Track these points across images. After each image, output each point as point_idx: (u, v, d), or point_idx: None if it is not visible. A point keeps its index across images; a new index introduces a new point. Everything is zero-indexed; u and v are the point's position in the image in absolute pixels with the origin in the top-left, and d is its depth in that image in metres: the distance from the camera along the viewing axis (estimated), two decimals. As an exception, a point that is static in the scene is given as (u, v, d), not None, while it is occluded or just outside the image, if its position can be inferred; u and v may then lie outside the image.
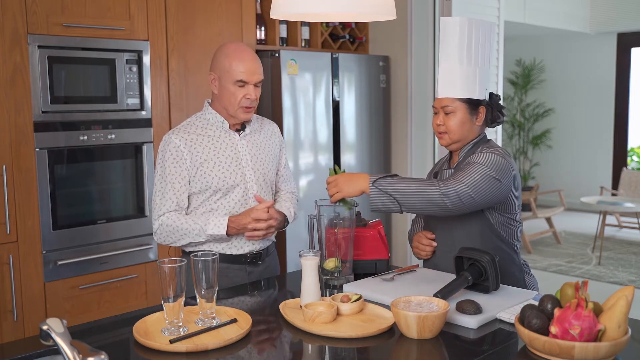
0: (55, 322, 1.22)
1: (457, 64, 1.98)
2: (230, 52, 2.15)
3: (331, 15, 2.18)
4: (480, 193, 1.86)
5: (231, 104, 2.15)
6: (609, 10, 8.01)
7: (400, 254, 4.30)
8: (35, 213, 2.81)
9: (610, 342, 1.35)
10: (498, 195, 1.91)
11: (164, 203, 2.13)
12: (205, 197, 2.16)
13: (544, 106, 9.06)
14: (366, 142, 4.14)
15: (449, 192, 1.83)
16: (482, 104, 2.02)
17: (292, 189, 2.45)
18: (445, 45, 2.00)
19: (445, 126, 2.01)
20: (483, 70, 2.01)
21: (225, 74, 2.14)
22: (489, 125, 2.08)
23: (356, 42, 4.31)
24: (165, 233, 2.14)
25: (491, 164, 1.90)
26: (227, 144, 2.20)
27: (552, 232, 6.97)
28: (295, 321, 1.66)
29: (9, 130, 2.72)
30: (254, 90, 2.15)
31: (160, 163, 2.17)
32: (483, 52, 2.01)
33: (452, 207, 1.85)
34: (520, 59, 9.14)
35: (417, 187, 1.86)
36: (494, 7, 4.37)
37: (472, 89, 1.99)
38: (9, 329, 2.77)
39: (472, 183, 1.86)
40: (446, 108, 2.00)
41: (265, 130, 2.33)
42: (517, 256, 2.07)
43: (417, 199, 1.85)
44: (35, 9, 2.76)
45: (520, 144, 9.21)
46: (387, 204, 1.87)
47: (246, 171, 2.20)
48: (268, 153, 2.29)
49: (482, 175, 1.87)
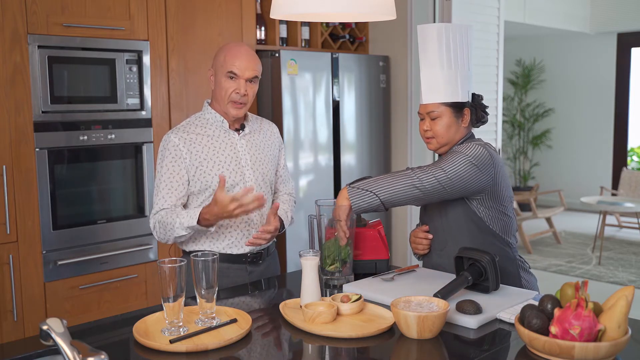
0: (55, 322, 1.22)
1: (438, 69, 2.03)
2: (228, 48, 2.18)
3: (331, 15, 2.18)
4: (459, 177, 1.91)
5: (222, 97, 2.16)
6: (609, 10, 8.01)
7: (400, 254, 4.30)
8: (35, 213, 2.81)
9: (610, 342, 1.35)
10: (477, 183, 1.94)
11: (159, 201, 2.14)
12: (205, 196, 2.16)
13: (544, 106, 9.06)
14: (366, 142, 4.14)
15: (424, 176, 1.91)
16: (466, 106, 2.06)
17: (290, 190, 2.45)
18: (425, 52, 2.06)
19: (432, 131, 2.05)
20: (464, 73, 2.05)
21: (219, 67, 2.16)
22: (474, 125, 2.11)
23: (356, 42, 4.31)
24: (157, 230, 2.15)
25: (471, 153, 1.95)
26: (226, 144, 2.20)
27: (552, 232, 6.97)
28: (295, 321, 1.66)
29: (9, 130, 2.72)
30: (245, 85, 2.15)
31: (159, 162, 2.17)
32: (462, 55, 2.05)
33: (431, 189, 1.91)
34: (520, 59, 9.14)
35: (392, 177, 1.94)
36: (494, 7, 4.37)
37: (455, 92, 2.03)
38: (9, 329, 2.77)
39: (450, 168, 1.92)
40: (432, 113, 2.04)
41: (264, 131, 2.34)
42: (512, 251, 2.07)
43: (394, 189, 1.92)
44: (35, 9, 2.76)
45: (520, 144, 9.21)
46: (367, 201, 1.93)
47: (245, 171, 2.20)
48: (267, 153, 2.30)
49: (460, 162, 1.93)
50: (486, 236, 2.02)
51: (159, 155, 2.20)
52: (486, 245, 2.00)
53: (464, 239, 2.01)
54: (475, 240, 2.00)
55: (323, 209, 2.02)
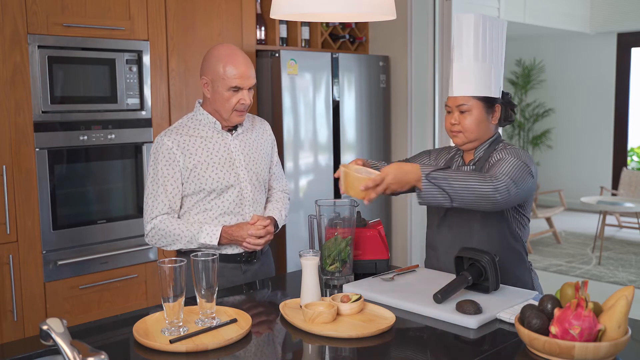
0: (55, 322, 1.22)
1: (473, 61, 1.94)
2: (223, 56, 2.11)
3: (331, 15, 2.18)
4: (521, 185, 1.82)
5: (225, 109, 2.13)
6: (609, 10, 8.01)
7: (400, 254, 4.30)
8: (35, 213, 2.81)
9: (610, 342, 1.35)
10: (532, 188, 1.89)
11: (157, 205, 2.11)
12: (199, 198, 2.15)
13: (544, 106, 9.06)
14: (366, 142, 4.14)
15: (500, 186, 1.76)
16: (497, 102, 1.99)
17: (284, 187, 2.43)
18: (460, 43, 1.96)
19: (460, 125, 1.97)
20: (497, 68, 1.98)
21: (219, 79, 2.10)
22: (501, 124, 2.05)
23: (356, 42, 4.31)
24: (157, 236, 2.12)
25: (520, 156, 1.88)
26: (220, 145, 2.18)
27: (552, 232, 6.97)
28: (295, 321, 1.66)
29: (9, 130, 2.72)
30: (248, 94, 2.13)
31: (152, 165, 2.14)
32: (497, 49, 1.98)
33: (502, 200, 1.77)
34: (520, 59, 9.14)
35: (470, 181, 1.76)
36: (494, 7, 4.38)
37: (488, 86, 1.95)
38: (9, 329, 2.77)
39: (514, 176, 1.81)
40: (462, 107, 1.96)
41: (256, 129, 2.31)
42: (526, 256, 2.06)
43: (469, 194, 1.76)
44: (35, 9, 2.76)
45: (520, 144, 9.21)
46: (438, 198, 1.78)
47: (240, 171, 2.19)
48: (261, 152, 2.28)
49: (518, 166, 1.83)
50: (511, 241, 1.99)
51: (151, 157, 2.16)
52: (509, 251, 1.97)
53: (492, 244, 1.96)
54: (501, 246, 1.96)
55: (323, 209, 2.02)
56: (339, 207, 2.02)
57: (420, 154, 2.22)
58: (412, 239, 4.21)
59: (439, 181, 1.76)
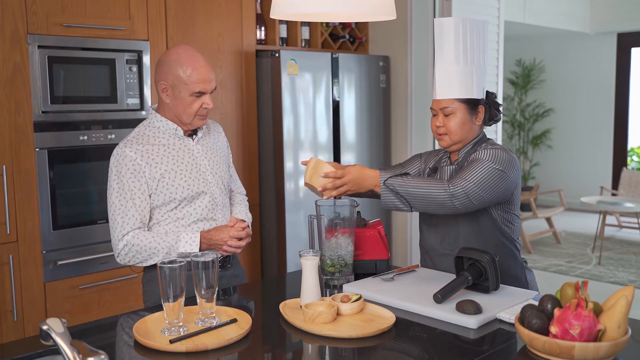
0: (55, 322, 1.22)
1: (454, 64, 1.98)
2: (184, 59, 2.01)
3: (331, 15, 2.17)
4: (489, 190, 1.88)
5: (187, 114, 2.04)
6: (609, 10, 8.01)
7: (400, 254, 4.30)
8: (35, 213, 2.81)
9: (610, 342, 1.35)
10: (505, 191, 1.93)
11: (127, 221, 1.99)
12: (170, 208, 2.06)
13: (544, 106, 9.06)
14: (366, 142, 4.14)
15: (457, 192, 1.84)
16: (480, 103, 2.03)
17: (241, 189, 2.39)
18: (441, 46, 2.01)
19: (445, 127, 2.01)
20: (479, 69, 2.01)
21: (181, 84, 2.00)
22: (486, 124, 2.08)
23: (356, 42, 4.31)
24: (131, 253, 1.99)
25: (496, 159, 1.91)
26: (183, 152, 2.09)
27: (552, 232, 6.97)
28: (295, 321, 1.66)
29: (9, 130, 2.73)
30: (210, 98, 2.06)
31: (116, 179, 2.02)
32: (479, 51, 2.01)
33: (460, 207, 1.86)
34: (520, 59, 9.14)
35: (426, 188, 1.86)
36: (494, 7, 4.38)
37: (470, 88, 1.99)
38: (9, 329, 2.77)
39: (479, 180, 1.87)
40: (445, 109, 2.00)
41: (212, 132, 2.24)
42: (519, 253, 2.07)
43: (426, 201, 1.86)
44: (35, 9, 2.76)
45: (520, 144, 9.21)
46: (396, 204, 1.89)
47: (207, 176, 2.12)
48: (220, 155, 2.21)
49: (488, 171, 1.89)
50: (500, 238, 2.01)
51: (112, 171, 2.04)
52: (498, 248, 1.98)
53: (478, 241, 1.99)
54: (489, 243, 1.98)
55: (323, 209, 2.01)
56: (339, 207, 2.02)
57: (412, 158, 2.27)
58: (412, 239, 4.21)
59: (396, 187, 1.87)
